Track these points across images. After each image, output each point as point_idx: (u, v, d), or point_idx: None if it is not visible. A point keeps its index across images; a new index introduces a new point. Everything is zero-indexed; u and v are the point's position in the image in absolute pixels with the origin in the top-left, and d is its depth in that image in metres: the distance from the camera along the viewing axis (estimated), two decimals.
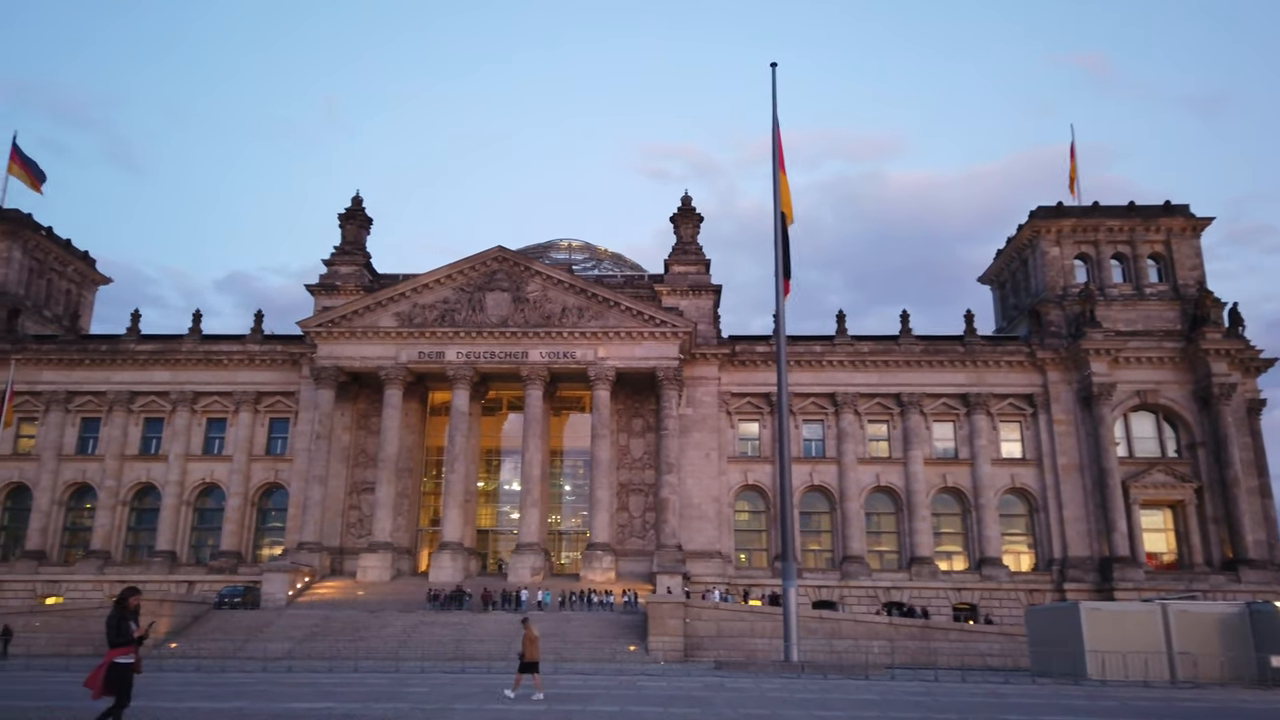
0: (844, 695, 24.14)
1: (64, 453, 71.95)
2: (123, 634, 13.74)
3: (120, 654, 13.66)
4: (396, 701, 20.47)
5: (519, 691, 23.59)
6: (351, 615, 50.37)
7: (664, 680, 29.66)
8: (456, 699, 21.77)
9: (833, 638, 46.29)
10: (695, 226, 74.73)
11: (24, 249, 77.35)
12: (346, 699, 20.80)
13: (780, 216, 35.96)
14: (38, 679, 30.19)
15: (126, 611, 14.02)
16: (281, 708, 18.36)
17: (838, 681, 30.49)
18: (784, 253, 35.52)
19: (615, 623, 49.69)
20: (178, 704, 17.92)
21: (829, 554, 69.86)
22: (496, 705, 20.08)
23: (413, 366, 66.24)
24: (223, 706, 18.24)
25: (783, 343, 34.43)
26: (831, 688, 27.23)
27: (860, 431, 71.07)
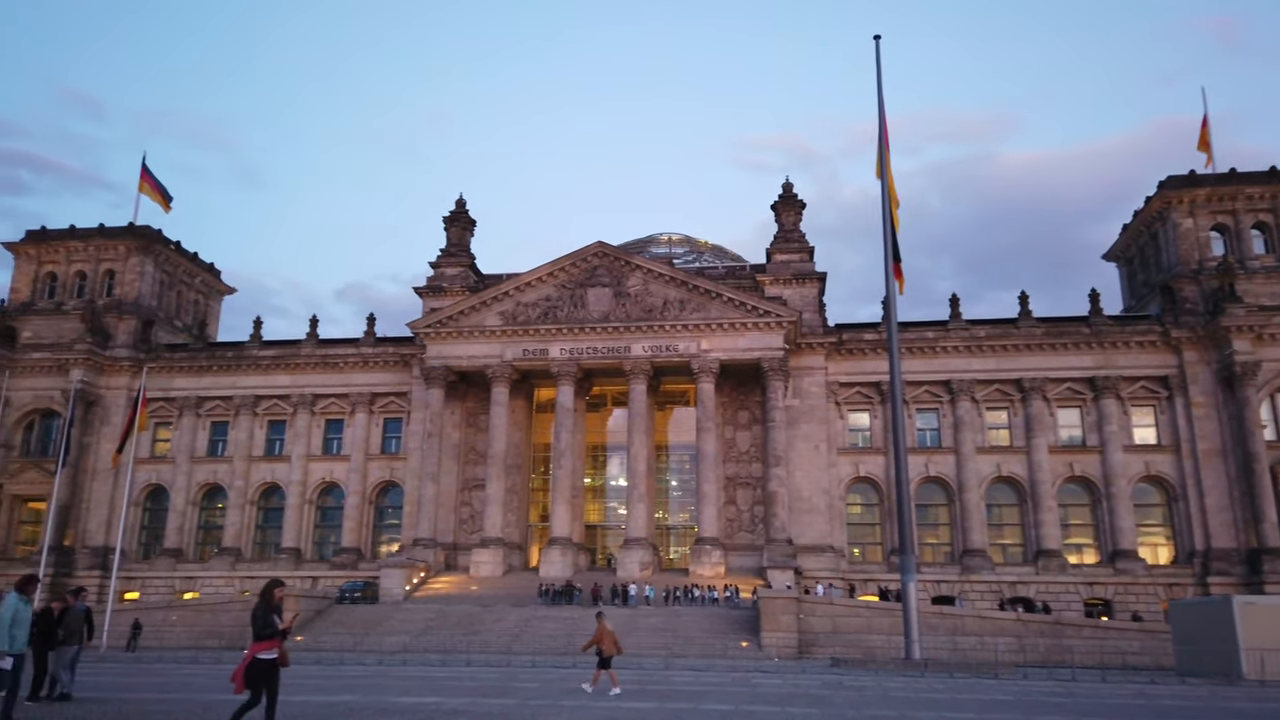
0: (975, 695, 22.67)
1: (196, 455, 75.66)
2: (268, 627, 13.35)
3: (264, 648, 13.23)
4: (504, 697, 20.23)
5: (597, 686, 23.25)
6: (465, 610, 51.08)
7: (779, 677, 28.68)
8: (565, 695, 21.41)
9: (955, 634, 44.27)
10: (797, 213, 73.04)
11: (155, 263, 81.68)
12: (455, 693, 20.70)
13: (887, 194, 34.42)
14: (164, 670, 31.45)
15: (271, 604, 13.63)
16: (390, 701, 18.32)
17: (965, 680, 28.87)
18: (892, 232, 33.95)
19: (726, 618, 48.85)
20: (289, 697, 18.07)
21: (947, 548, 67.21)
22: (604, 703, 19.58)
23: (518, 364, 66.87)
24: (333, 700, 18.33)
25: (893, 325, 32.89)
26: (960, 687, 25.73)
27: (978, 420, 68.10)
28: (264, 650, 13.24)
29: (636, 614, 49.74)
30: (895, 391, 32.89)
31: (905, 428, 67.51)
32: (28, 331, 77.61)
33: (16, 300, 79.69)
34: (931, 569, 65.06)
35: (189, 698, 19.45)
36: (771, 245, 72.07)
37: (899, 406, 33.20)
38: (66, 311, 78.18)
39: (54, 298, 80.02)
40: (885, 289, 33.90)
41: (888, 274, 33.90)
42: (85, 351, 74.03)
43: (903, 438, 32.09)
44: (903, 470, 32.80)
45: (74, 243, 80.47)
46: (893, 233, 33.80)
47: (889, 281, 33.77)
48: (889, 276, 33.86)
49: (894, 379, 32.75)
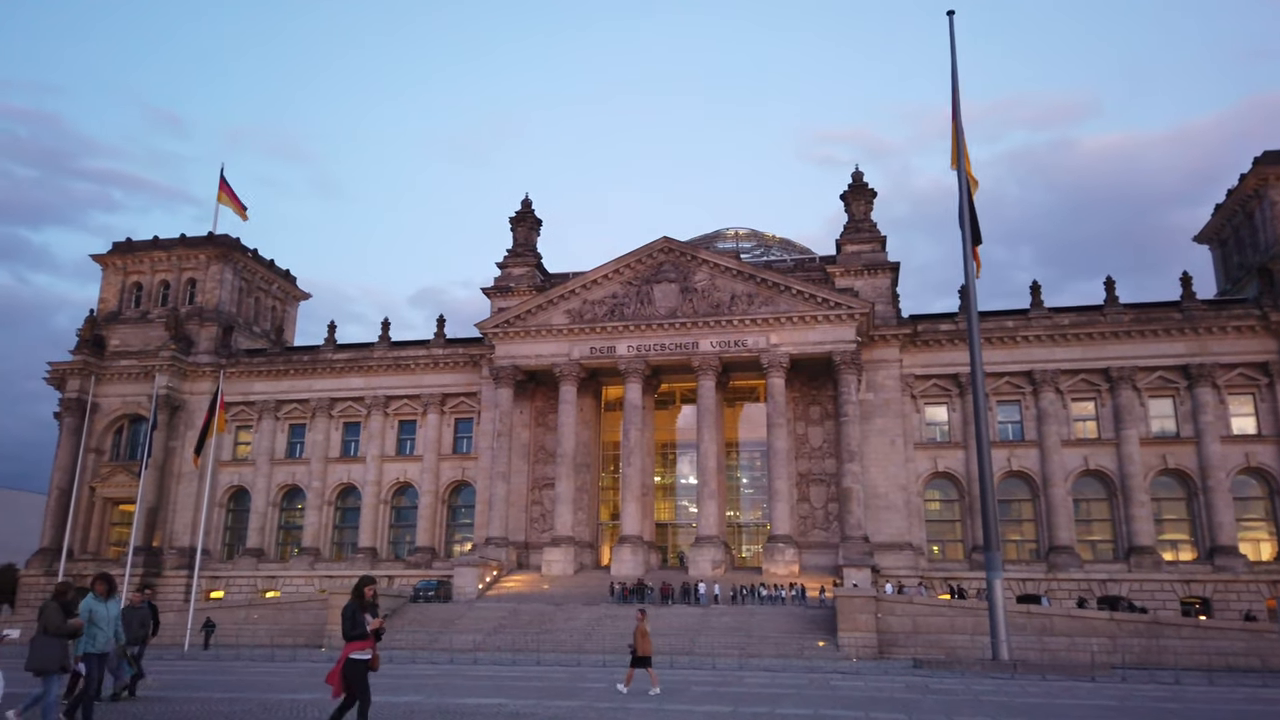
0: (1075, 700, 21.15)
1: (275, 457, 77.36)
2: (358, 626, 12.83)
3: (356, 648, 12.71)
4: (571, 699, 19.64)
5: (632, 687, 22.72)
6: (538, 608, 50.94)
7: (859, 680, 27.52)
8: (633, 696, 20.73)
9: (1043, 634, 42.30)
10: (868, 202, 71.27)
11: (234, 270, 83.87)
12: (522, 694, 20.19)
13: (964, 173, 32.91)
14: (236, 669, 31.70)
15: (364, 602, 13.08)
16: (453, 703, 17.90)
17: (1060, 683, 27.27)
18: (971, 211, 32.43)
19: (802, 617, 47.64)
20: None
21: (1032, 545, 64.69)
22: (675, 705, 18.84)
23: (585, 362, 66.59)
24: (396, 700, 17.98)
25: (973, 309, 31.30)
26: (1055, 690, 24.24)
27: (1063, 411, 65.38)
28: (357, 650, 12.75)
29: (708, 613, 48.90)
30: (976, 380, 31.36)
31: (987, 419, 65.49)
32: (116, 340, 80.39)
33: (105, 310, 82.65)
34: (1016, 567, 62.65)
35: (255, 697, 19.35)
36: (841, 236, 70.42)
37: (980, 395, 31.67)
38: (151, 320, 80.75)
39: (139, 306, 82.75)
40: (964, 272, 32.40)
41: (966, 255, 32.37)
42: (169, 358, 76.35)
43: (985, 429, 30.56)
44: (985, 462, 31.29)
45: (157, 253, 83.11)
46: (972, 212, 32.29)
47: (967, 263, 32.23)
48: (967, 257, 32.33)
49: (975, 366, 31.23)
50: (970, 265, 32.53)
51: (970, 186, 32.73)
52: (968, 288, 32.15)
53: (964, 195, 32.62)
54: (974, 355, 31.18)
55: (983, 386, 31.01)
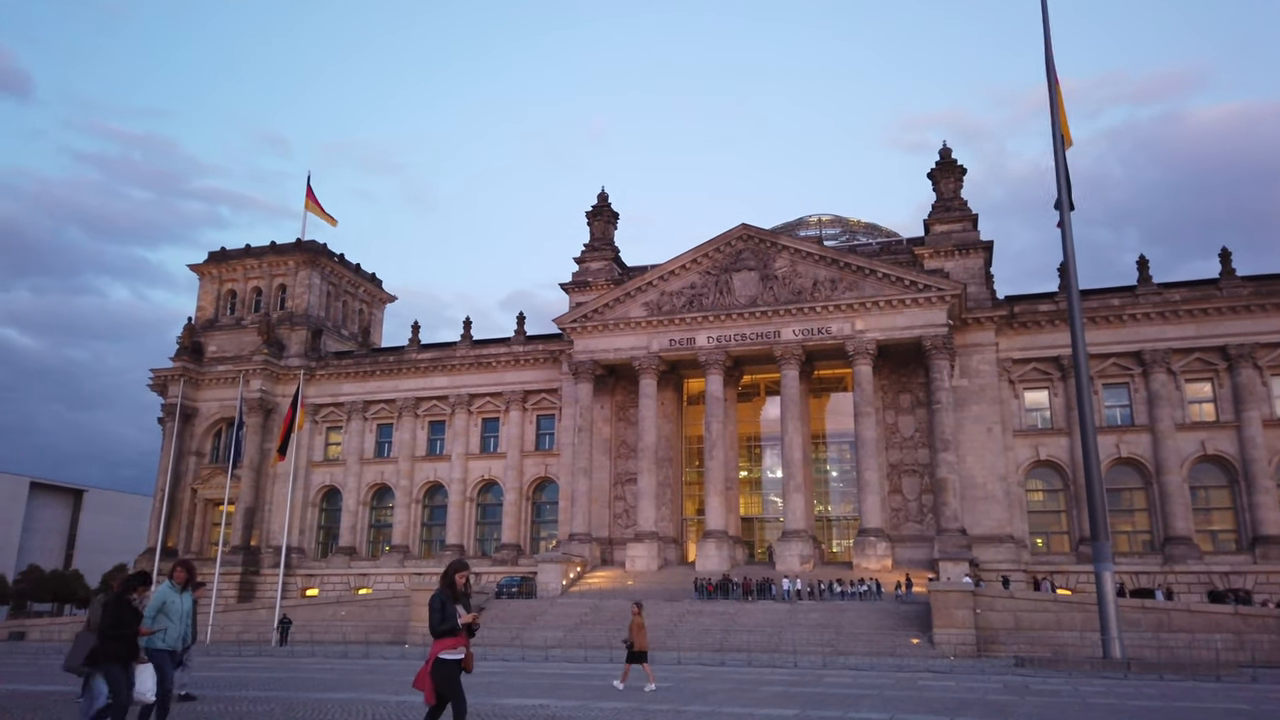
0: (1197, 704, 18.79)
1: (365, 457, 78.64)
2: (448, 619, 10.89)
3: (447, 646, 10.84)
4: (625, 700, 18.31)
5: (628, 683, 22.15)
6: (619, 605, 49.91)
7: (950, 680, 25.51)
8: (695, 698, 19.36)
9: (1159, 630, 39.17)
10: (957, 180, 68.08)
11: (321, 275, 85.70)
12: (575, 694, 18.96)
13: (1059, 130, 30.45)
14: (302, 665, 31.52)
15: (455, 592, 11.10)
16: (494, 704, 16.84)
17: (1179, 684, 24.72)
18: (1066, 174, 29.98)
19: (894, 613, 45.40)
20: (389, 696, 16.95)
21: (1145, 536, 60.66)
22: (734, 708, 17.38)
23: (664, 355, 65.40)
24: None
25: (1073, 277, 28.71)
26: (1174, 692, 21.84)
27: (1176, 393, 61.08)
28: (448, 649, 10.89)
29: (795, 609, 47.10)
30: (1079, 359, 28.72)
31: (1092, 403, 61.69)
32: (213, 346, 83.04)
33: (202, 318, 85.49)
34: (1127, 560, 58.85)
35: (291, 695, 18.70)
36: (930, 216, 67.45)
37: (1084, 376, 29.06)
38: (245, 326, 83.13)
39: (234, 313, 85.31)
40: (1062, 243, 29.81)
41: (1064, 219, 29.82)
42: (261, 362, 78.36)
43: (1089, 408, 28.05)
44: (1091, 445, 28.74)
45: (249, 261, 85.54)
46: (1066, 175, 29.84)
47: (1065, 231, 29.66)
48: (1065, 223, 29.78)
49: (1076, 345, 28.67)
50: (1069, 230, 29.97)
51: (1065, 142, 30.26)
52: (1067, 256, 29.58)
53: (1060, 161, 30.17)
54: (1075, 332, 28.66)
55: (1086, 367, 28.50)
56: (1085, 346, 28.79)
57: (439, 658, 10.85)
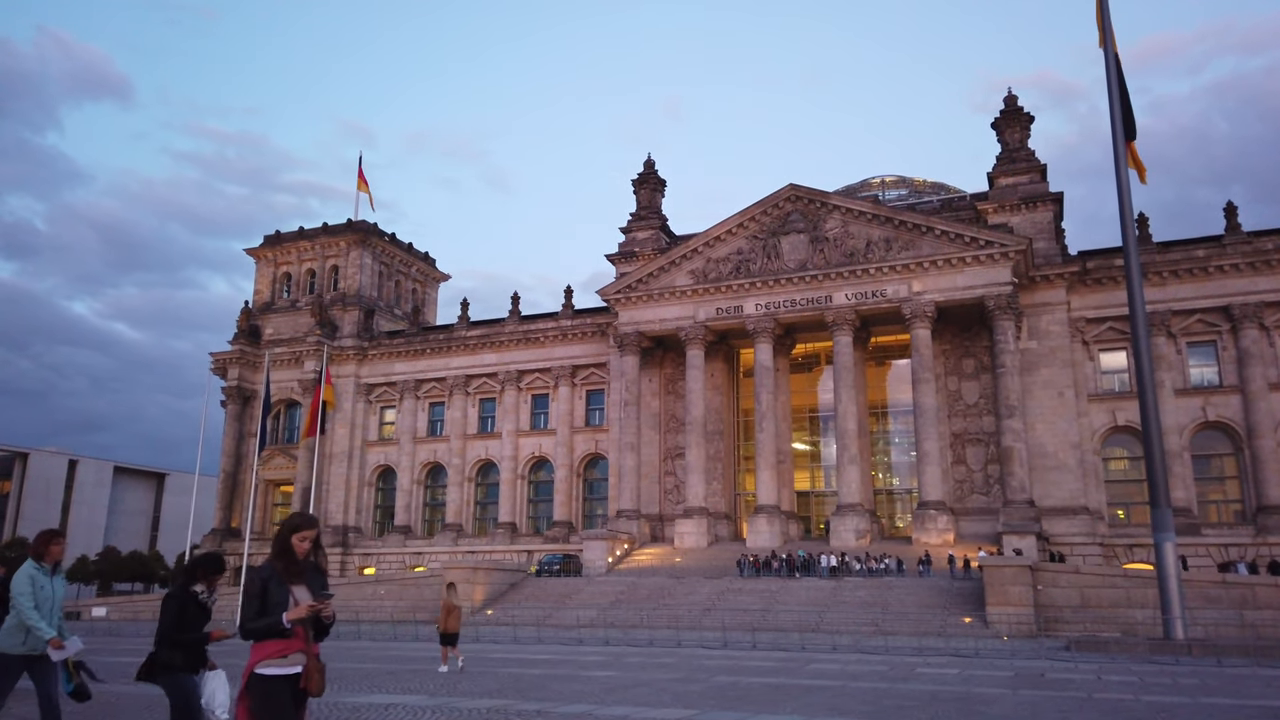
0: (1235, 700, 15.57)
1: (418, 436, 78.35)
2: (269, 610, 7.06)
3: (269, 655, 6.99)
4: (577, 703, 15.86)
5: (448, 665, 21.66)
6: (658, 582, 48.13)
7: (957, 667, 22.57)
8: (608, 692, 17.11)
9: (1243, 608, 35.35)
10: (1024, 129, 63.66)
11: (373, 255, 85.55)
12: (533, 697, 16.69)
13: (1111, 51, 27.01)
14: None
15: (291, 565, 7.21)
16: (452, 704, 14.75)
17: (1236, 670, 21.46)
18: (1122, 98, 26.54)
19: (947, 591, 42.35)
20: (345, 698, 15.23)
21: (1237, 506, 55.90)
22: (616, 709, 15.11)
23: (711, 324, 62.91)
24: (375, 702, 15.11)
25: (1129, 211, 25.24)
26: (1220, 683, 18.55)
27: (1270, 350, 55.99)
28: (271, 659, 6.97)
29: (840, 587, 44.40)
30: (1135, 304, 25.32)
31: (1174, 365, 56.93)
32: (270, 329, 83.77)
33: (259, 301, 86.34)
34: (1216, 531, 54.35)
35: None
36: (994, 168, 63.19)
37: (1141, 324, 25.64)
38: (300, 308, 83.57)
39: (289, 296, 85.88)
40: (1116, 176, 26.36)
41: (1118, 154, 26.35)
42: (315, 343, 78.58)
43: (1147, 362, 24.76)
44: (1149, 399, 25.38)
45: (303, 243, 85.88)
46: (1124, 95, 26.41)
47: (1120, 164, 26.15)
48: (1119, 158, 26.29)
49: (1133, 289, 25.27)
50: (1122, 158, 26.52)
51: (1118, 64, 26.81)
52: (1122, 195, 26.01)
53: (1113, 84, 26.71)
54: (1131, 276, 25.22)
55: (1143, 314, 25.20)
56: (1141, 291, 25.48)
57: (255, 673, 6.93)
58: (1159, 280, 58.20)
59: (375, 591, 52.53)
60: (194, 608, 8.79)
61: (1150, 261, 58.32)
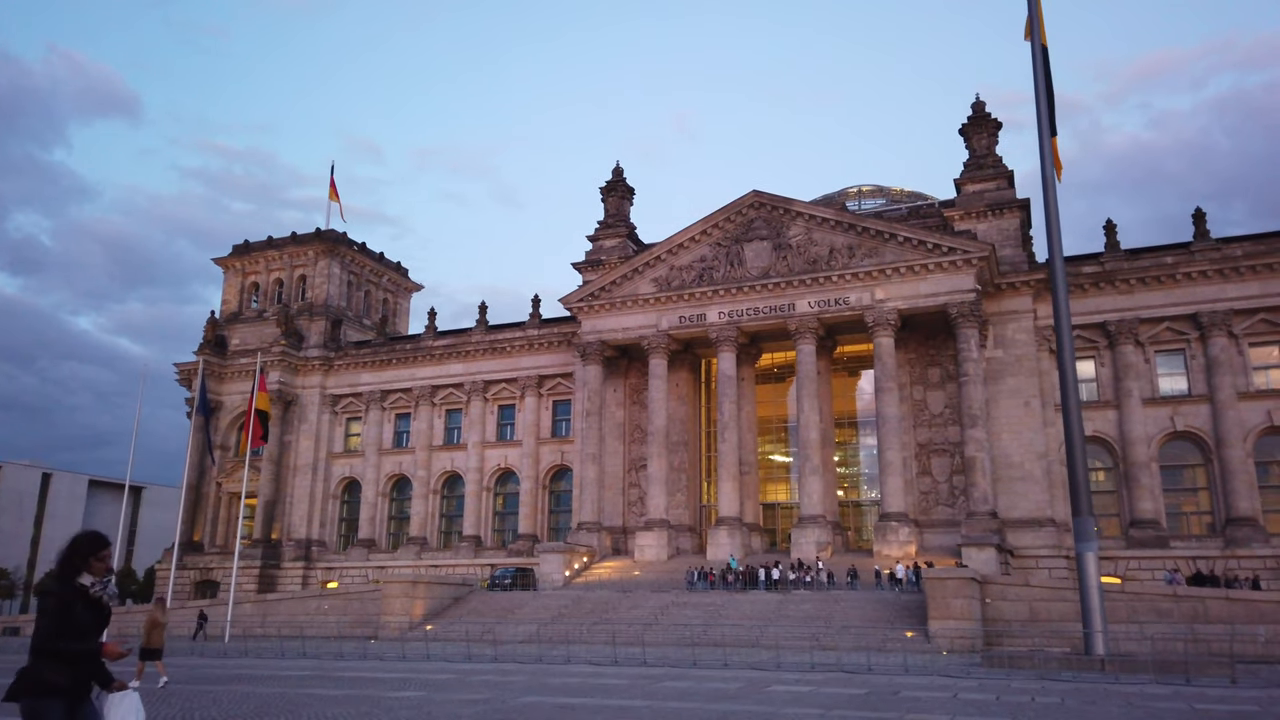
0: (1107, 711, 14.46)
1: (383, 447, 77.17)
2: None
3: None
4: None
5: (140, 681, 21.03)
6: (604, 596, 46.86)
7: (848, 684, 21.37)
8: None
9: (1195, 621, 34.14)
10: (991, 136, 62.84)
11: (341, 265, 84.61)
12: None
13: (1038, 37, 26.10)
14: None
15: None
16: None
17: (1136, 689, 20.12)
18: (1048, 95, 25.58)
19: (894, 604, 41.10)
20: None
21: (1208, 517, 54.68)
22: None
23: (674, 333, 61.86)
24: None
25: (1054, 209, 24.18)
26: (1084, 702, 17.34)
27: (1238, 359, 54.92)
28: None
29: (787, 601, 43.14)
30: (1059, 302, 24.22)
31: (1141, 374, 55.79)
32: (235, 339, 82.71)
33: (227, 311, 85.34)
34: (1184, 543, 53.17)
35: None
36: (961, 175, 62.38)
37: (1065, 321, 24.46)
38: (267, 318, 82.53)
39: (257, 306, 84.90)
40: (1042, 170, 25.31)
41: (1043, 150, 25.33)
42: (280, 354, 77.53)
43: (1070, 364, 23.63)
44: (1072, 402, 24.29)
45: (271, 252, 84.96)
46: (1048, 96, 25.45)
47: (1044, 158, 25.13)
48: (1045, 154, 25.26)
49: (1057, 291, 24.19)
50: (1048, 153, 25.50)
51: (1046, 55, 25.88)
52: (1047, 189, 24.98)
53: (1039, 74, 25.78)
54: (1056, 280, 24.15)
55: (1067, 312, 24.14)
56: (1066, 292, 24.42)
57: None
58: (1127, 288, 57.31)
59: (319, 606, 51.28)
60: (83, 607, 6.58)
61: (1118, 269, 57.45)
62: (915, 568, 45.61)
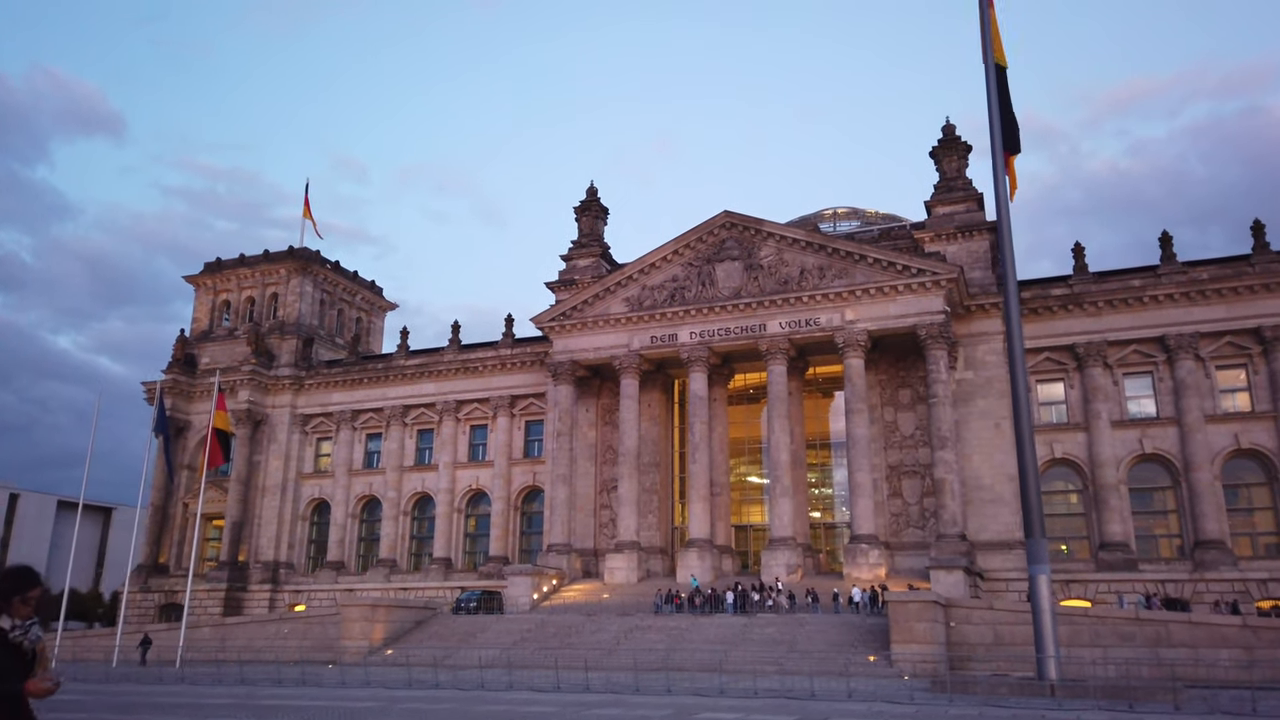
0: None
1: (354, 468, 76.25)
2: None
3: None
4: None
5: None
6: (568, 620, 46.21)
7: (781, 712, 20.86)
8: None
9: (1158, 645, 33.87)
10: (961, 158, 63.19)
11: (314, 283, 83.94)
12: None
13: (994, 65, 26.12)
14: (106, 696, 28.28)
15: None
16: None
17: (1095, 715, 19.77)
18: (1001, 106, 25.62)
19: (859, 627, 40.68)
20: None
21: (1178, 540, 54.62)
22: None
23: (646, 353, 61.54)
24: None
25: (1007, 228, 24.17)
26: None
27: (1206, 382, 55.11)
28: None
29: (751, 624, 42.65)
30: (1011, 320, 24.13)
31: (1110, 396, 55.85)
32: (205, 358, 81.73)
33: (197, 329, 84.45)
34: (1154, 567, 53.10)
35: None
36: (932, 197, 62.67)
37: (1017, 340, 24.38)
38: (237, 336, 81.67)
39: (228, 324, 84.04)
40: (995, 188, 25.35)
41: (996, 165, 25.35)
42: (249, 372, 76.67)
43: (1021, 383, 23.50)
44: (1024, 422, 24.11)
45: (242, 270, 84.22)
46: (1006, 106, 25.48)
47: (998, 176, 25.14)
48: (998, 169, 25.29)
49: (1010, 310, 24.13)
50: (1002, 178, 25.49)
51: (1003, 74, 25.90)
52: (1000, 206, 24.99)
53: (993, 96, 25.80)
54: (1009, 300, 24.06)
55: (1019, 331, 24.05)
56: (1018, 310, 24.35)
57: None
58: (1095, 310, 57.53)
59: (279, 630, 50.32)
60: (1, 652, 6.19)
61: (1086, 291, 57.68)
62: (872, 590, 45.26)
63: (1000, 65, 26.45)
